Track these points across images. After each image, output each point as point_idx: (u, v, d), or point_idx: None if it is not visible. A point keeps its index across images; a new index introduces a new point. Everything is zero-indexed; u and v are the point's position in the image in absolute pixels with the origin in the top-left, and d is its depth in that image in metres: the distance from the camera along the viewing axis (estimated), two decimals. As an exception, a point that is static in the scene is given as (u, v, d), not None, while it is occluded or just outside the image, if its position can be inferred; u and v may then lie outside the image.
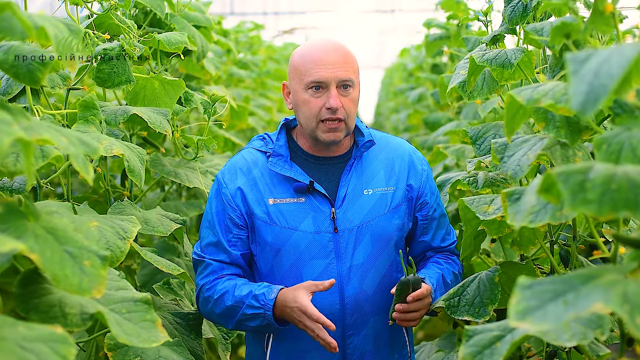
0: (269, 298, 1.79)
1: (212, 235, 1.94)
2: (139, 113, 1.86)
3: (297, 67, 1.90)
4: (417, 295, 1.78)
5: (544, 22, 1.55)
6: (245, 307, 1.82)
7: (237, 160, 1.99)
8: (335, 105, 1.83)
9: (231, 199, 1.92)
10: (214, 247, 1.94)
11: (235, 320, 1.86)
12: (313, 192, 1.90)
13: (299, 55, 1.91)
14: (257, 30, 5.72)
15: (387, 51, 13.58)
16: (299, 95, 1.89)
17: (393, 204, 1.94)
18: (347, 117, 1.87)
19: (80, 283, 1.03)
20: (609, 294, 0.87)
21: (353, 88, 1.88)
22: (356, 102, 1.90)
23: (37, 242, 1.01)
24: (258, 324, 1.83)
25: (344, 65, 1.85)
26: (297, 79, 1.90)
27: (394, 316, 1.81)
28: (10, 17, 1.12)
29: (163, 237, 2.46)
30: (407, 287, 1.79)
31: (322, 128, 1.87)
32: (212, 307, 1.90)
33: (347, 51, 1.91)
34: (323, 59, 1.85)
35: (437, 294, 1.87)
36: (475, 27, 3.78)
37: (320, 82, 1.84)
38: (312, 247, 1.87)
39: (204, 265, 1.94)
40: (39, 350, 0.89)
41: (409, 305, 1.80)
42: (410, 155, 2.01)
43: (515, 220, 1.18)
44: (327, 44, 1.90)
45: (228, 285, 1.88)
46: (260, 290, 1.82)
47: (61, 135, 1.01)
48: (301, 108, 1.89)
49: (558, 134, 1.36)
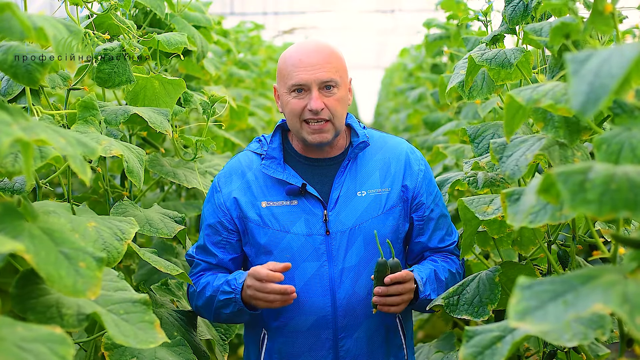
0: (239, 282, 1.82)
1: (201, 237, 1.99)
2: (140, 113, 1.85)
3: (280, 70, 1.91)
4: (395, 277, 1.76)
5: (543, 22, 1.55)
6: (220, 294, 1.85)
7: (233, 163, 2.01)
8: (316, 107, 1.83)
9: (223, 203, 1.94)
10: (202, 249, 1.98)
11: (213, 310, 1.89)
12: (306, 194, 1.90)
13: (282, 59, 1.92)
14: (257, 30, 5.72)
15: (387, 51, 13.57)
16: (283, 98, 1.90)
17: (387, 206, 1.92)
18: (332, 117, 1.86)
19: (74, 284, 1.02)
20: (608, 294, 0.87)
21: (337, 88, 1.87)
22: (342, 101, 1.89)
23: (33, 243, 1.01)
24: (231, 310, 1.85)
25: (325, 66, 1.84)
26: (281, 82, 1.91)
27: (374, 300, 1.78)
28: (9, 17, 1.12)
29: (160, 238, 2.45)
30: (384, 269, 1.77)
31: (307, 129, 1.87)
32: (196, 300, 1.94)
33: (331, 51, 1.89)
34: (303, 61, 1.85)
35: (427, 287, 1.84)
36: (475, 27, 3.78)
37: (302, 85, 1.85)
38: (304, 250, 1.87)
39: (194, 264, 1.99)
40: (38, 351, 0.88)
41: (387, 288, 1.77)
42: (407, 156, 1.99)
43: (515, 221, 1.18)
44: (309, 46, 1.89)
45: (209, 278, 1.92)
46: (232, 276, 1.85)
47: (59, 136, 1.01)
48: (286, 110, 1.91)
49: (557, 134, 1.35)
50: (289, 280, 1.86)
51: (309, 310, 1.87)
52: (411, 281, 1.81)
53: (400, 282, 1.78)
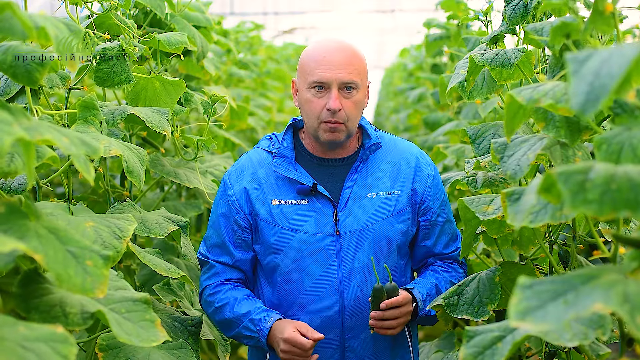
0: (265, 326, 1.83)
1: (216, 236, 1.96)
2: (137, 113, 1.85)
3: (302, 65, 1.91)
4: (391, 302, 1.78)
5: (543, 22, 1.55)
6: (242, 328, 1.87)
7: (244, 160, 2.00)
8: (335, 107, 1.83)
9: (236, 200, 1.93)
10: (219, 248, 1.96)
11: (232, 334, 1.93)
12: (316, 194, 1.90)
13: (305, 54, 1.92)
14: (257, 30, 5.71)
15: (387, 51, 13.57)
16: (302, 93, 1.90)
17: (397, 208, 1.93)
18: (347, 120, 1.86)
19: (83, 283, 1.03)
20: (609, 294, 0.87)
21: (357, 90, 1.86)
22: (359, 104, 1.88)
23: (41, 242, 1.01)
24: (253, 344, 1.89)
25: (348, 67, 1.84)
26: (302, 77, 1.90)
27: (371, 324, 1.81)
28: (10, 17, 1.12)
29: (162, 238, 2.45)
30: (381, 294, 1.79)
31: (323, 128, 1.87)
32: (212, 312, 1.95)
33: (354, 52, 1.89)
34: (327, 59, 1.84)
35: (427, 304, 1.86)
36: (475, 27, 3.78)
37: (322, 83, 1.84)
38: (314, 249, 1.87)
39: (208, 266, 1.97)
40: (40, 350, 0.89)
41: (383, 312, 1.79)
42: (418, 160, 1.99)
43: (515, 220, 1.18)
44: (333, 44, 1.89)
45: (229, 298, 1.92)
46: (257, 316, 1.86)
47: (62, 136, 1.01)
48: (304, 107, 1.90)
49: (558, 134, 1.35)
50: (298, 279, 1.88)
51: (316, 310, 1.88)
52: (408, 304, 1.83)
53: (396, 307, 1.79)
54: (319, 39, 1.99)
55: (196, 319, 1.94)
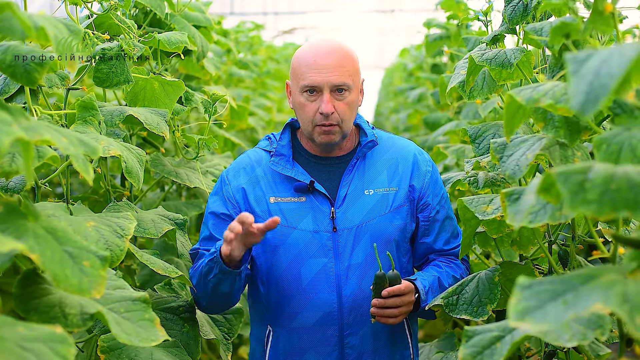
0: (217, 246, 1.80)
1: (205, 229, 1.98)
2: (136, 114, 1.85)
3: (294, 68, 1.92)
4: (393, 290, 1.77)
5: (543, 22, 1.55)
6: (205, 260, 1.81)
7: (242, 159, 2.02)
8: (327, 111, 1.84)
9: (232, 195, 1.95)
10: (207, 239, 1.96)
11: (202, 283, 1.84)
12: (314, 191, 1.91)
13: (296, 57, 1.93)
14: (257, 30, 5.71)
15: (387, 51, 13.57)
16: (296, 97, 1.91)
17: (395, 205, 1.93)
18: (341, 122, 1.87)
19: (80, 283, 1.03)
20: (608, 294, 0.87)
21: (349, 91, 1.87)
22: (352, 105, 1.89)
23: (38, 242, 1.01)
24: (214, 274, 1.79)
25: (339, 69, 1.85)
26: (294, 81, 1.92)
27: (372, 312, 1.80)
28: (10, 17, 1.12)
29: (162, 237, 2.45)
30: (383, 281, 1.78)
31: (318, 131, 1.89)
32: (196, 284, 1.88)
33: (345, 53, 1.89)
34: (317, 63, 1.85)
35: (429, 296, 1.85)
36: (475, 27, 3.78)
37: (314, 86, 1.85)
38: (311, 246, 1.88)
39: (198, 255, 1.95)
40: (39, 351, 0.89)
41: (385, 300, 1.77)
42: (415, 156, 2.00)
43: (514, 220, 1.18)
44: (324, 47, 1.89)
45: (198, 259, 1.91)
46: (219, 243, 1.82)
47: (61, 136, 1.01)
48: (298, 110, 1.92)
49: (557, 134, 1.35)
50: (296, 276, 1.88)
51: (315, 307, 1.88)
52: (410, 294, 1.82)
53: (398, 295, 1.78)
54: (311, 41, 1.99)
55: (186, 304, 1.90)
